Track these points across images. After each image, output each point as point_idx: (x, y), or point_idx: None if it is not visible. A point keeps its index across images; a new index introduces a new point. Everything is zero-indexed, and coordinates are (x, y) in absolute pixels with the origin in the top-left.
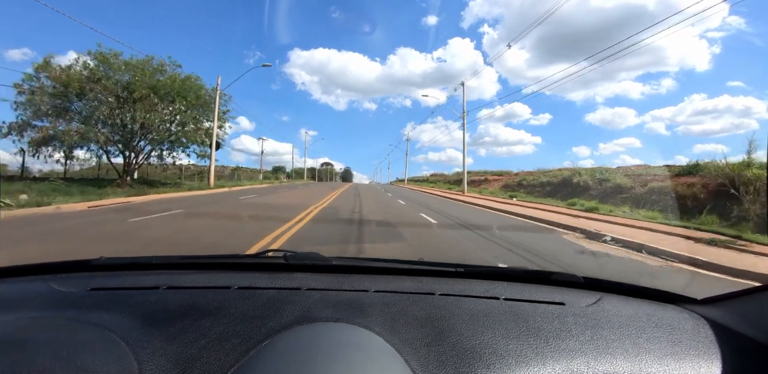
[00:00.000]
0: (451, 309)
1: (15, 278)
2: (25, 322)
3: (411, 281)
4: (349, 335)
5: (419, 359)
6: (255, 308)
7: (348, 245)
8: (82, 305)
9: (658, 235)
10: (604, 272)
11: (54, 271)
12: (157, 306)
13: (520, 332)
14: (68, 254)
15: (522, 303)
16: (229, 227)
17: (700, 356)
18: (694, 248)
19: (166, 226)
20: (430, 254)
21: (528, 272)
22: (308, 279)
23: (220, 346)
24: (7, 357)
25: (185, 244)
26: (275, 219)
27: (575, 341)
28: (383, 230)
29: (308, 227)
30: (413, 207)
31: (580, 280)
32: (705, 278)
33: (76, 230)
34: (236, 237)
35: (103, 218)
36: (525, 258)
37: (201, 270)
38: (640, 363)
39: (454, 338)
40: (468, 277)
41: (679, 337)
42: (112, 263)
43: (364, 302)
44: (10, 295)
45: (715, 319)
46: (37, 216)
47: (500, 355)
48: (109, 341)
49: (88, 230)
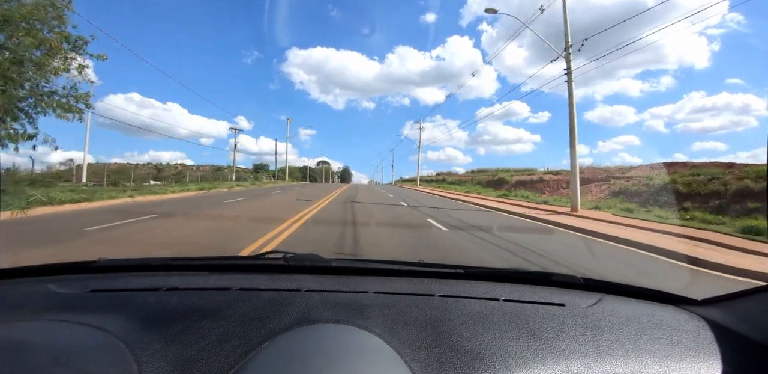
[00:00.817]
0: (450, 311)
1: (14, 280)
2: (24, 324)
3: (410, 282)
4: (349, 336)
5: (419, 360)
6: (255, 309)
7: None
8: (81, 307)
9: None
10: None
11: (53, 273)
12: (157, 308)
13: (519, 333)
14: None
15: (522, 305)
16: None
17: (700, 357)
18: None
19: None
20: None
21: (528, 274)
22: (308, 281)
23: (220, 348)
24: (6, 359)
25: None
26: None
27: (575, 342)
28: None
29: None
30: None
31: (580, 281)
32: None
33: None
34: None
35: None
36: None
37: (201, 272)
38: (640, 364)
39: (454, 339)
40: (468, 278)
41: (679, 338)
42: (112, 265)
43: (363, 303)
44: (9, 297)
45: (715, 320)
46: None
47: (500, 356)
48: (109, 343)
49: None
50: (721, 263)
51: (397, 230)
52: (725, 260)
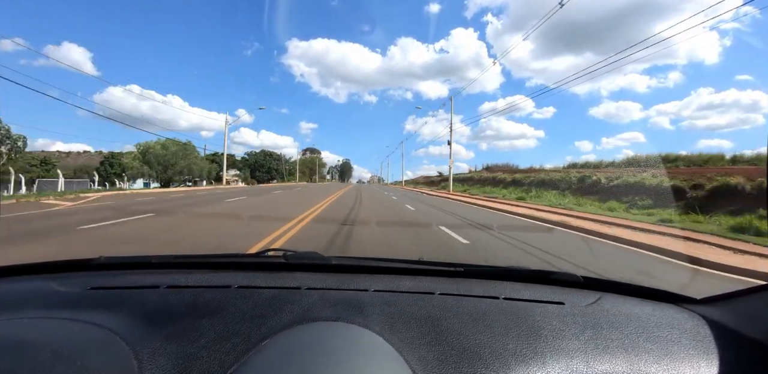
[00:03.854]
0: (450, 309)
1: (15, 278)
2: (24, 322)
3: (411, 280)
4: (349, 334)
5: (419, 358)
6: (255, 307)
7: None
8: (82, 304)
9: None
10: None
11: (54, 270)
12: (157, 306)
13: (519, 331)
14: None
15: (521, 303)
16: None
17: (699, 356)
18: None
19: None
20: None
21: (527, 272)
22: (308, 279)
23: (220, 345)
24: (7, 356)
25: None
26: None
27: (575, 340)
28: None
29: None
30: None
31: (580, 280)
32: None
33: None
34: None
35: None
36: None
37: (201, 270)
38: (639, 363)
39: (454, 337)
40: (467, 277)
41: (679, 337)
42: (112, 263)
43: (363, 301)
44: (9, 295)
45: (715, 319)
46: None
47: (499, 355)
48: (110, 340)
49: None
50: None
51: None
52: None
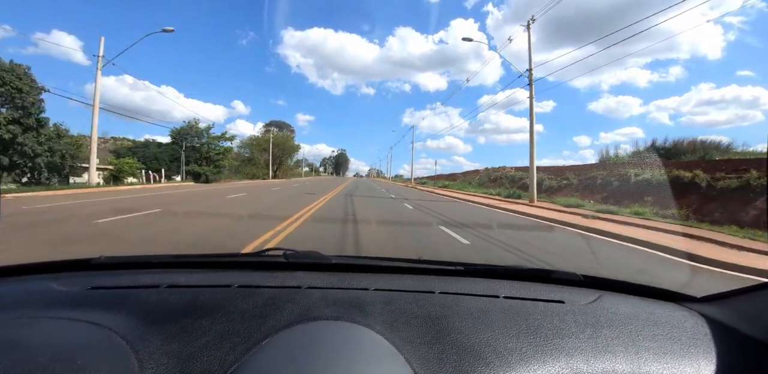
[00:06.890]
0: (451, 307)
1: (15, 278)
2: (25, 321)
3: (411, 279)
4: (350, 333)
5: (419, 357)
6: (255, 306)
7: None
8: (82, 304)
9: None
10: None
11: (54, 270)
12: (158, 305)
13: (519, 330)
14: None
15: (521, 301)
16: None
17: (699, 354)
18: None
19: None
20: None
21: (527, 271)
22: (308, 278)
23: (220, 345)
24: (7, 356)
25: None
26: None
27: (575, 339)
28: None
29: None
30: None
31: (580, 278)
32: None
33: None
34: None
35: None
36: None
37: (201, 269)
38: (639, 361)
39: (454, 336)
40: (468, 275)
41: (679, 335)
42: (113, 262)
43: (364, 300)
44: (10, 294)
45: (715, 317)
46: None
47: (500, 353)
48: (110, 340)
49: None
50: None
51: None
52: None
